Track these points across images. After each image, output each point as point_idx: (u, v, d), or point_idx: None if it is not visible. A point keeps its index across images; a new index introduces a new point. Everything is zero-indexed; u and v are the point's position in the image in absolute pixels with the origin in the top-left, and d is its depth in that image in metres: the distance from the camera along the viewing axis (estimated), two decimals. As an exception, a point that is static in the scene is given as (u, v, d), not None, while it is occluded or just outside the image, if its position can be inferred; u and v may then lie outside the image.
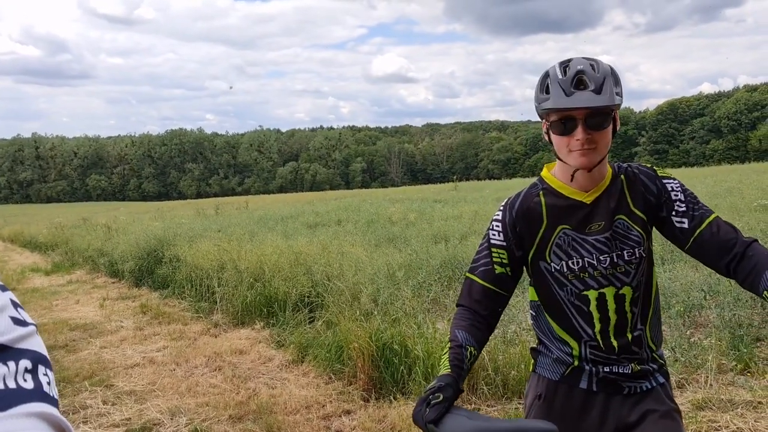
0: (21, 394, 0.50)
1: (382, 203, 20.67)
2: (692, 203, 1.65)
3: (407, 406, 4.25)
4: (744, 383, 4.06)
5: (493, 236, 1.73)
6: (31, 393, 0.51)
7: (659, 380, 1.72)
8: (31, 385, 0.52)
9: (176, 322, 7.45)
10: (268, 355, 5.85)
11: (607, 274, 1.65)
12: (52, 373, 0.56)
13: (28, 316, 0.57)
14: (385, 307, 5.65)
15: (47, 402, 0.52)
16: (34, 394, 0.51)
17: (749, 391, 3.92)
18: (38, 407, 0.51)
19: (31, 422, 0.49)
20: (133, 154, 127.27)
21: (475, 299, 1.70)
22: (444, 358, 1.54)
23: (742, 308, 4.94)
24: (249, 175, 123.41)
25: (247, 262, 7.98)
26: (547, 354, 1.78)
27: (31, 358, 0.54)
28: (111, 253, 12.12)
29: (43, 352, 0.56)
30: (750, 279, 1.53)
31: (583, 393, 1.71)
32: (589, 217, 1.67)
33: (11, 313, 0.56)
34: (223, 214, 20.40)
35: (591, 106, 1.54)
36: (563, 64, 1.62)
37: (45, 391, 0.53)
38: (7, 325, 0.54)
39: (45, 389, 0.53)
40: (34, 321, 0.58)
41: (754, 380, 4.09)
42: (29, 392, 0.51)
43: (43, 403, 0.52)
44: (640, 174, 1.70)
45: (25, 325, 0.56)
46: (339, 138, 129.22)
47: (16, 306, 0.57)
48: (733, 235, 1.59)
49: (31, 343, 0.55)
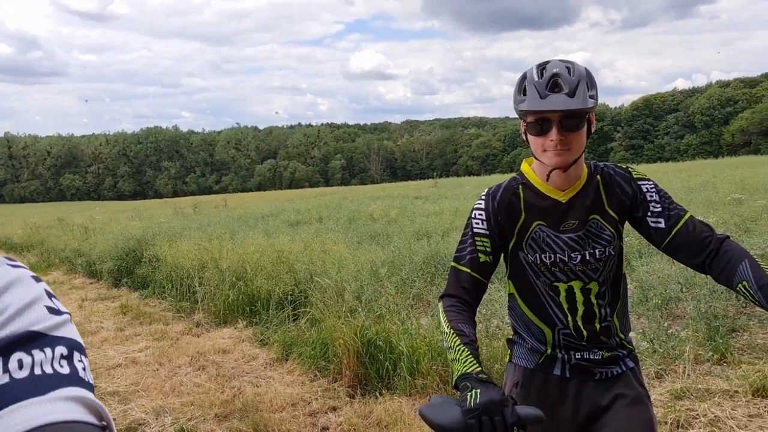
0: (58, 379, 0.52)
1: (363, 200, 20.68)
2: (667, 203, 1.72)
3: (393, 402, 4.29)
4: (720, 373, 4.17)
5: (476, 225, 1.78)
6: (67, 378, 0.53)
7: (629, 365, 1.80)
8: (67, 371, 0.54)
9: (157, 322, 7.40)
10: (251, 354, 5.84)
11: (577, 270, 1.72)
12: (86, 359, 0.58)
13: (62, 305, 0.59)
14: (369, 304, 5.68)
15: (83, 386, 0.54)
16: (71, 378, 0.53)
17: (725, 380, 4.03)
18: (75, 391, 0.53)
19: (69, 405, 0.51)
20: (107, 152, 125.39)
21: (463, 287, 1.73)
22: (464, 354, 1.53)
23: (717, 300, 5.06)
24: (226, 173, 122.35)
25: (228, 261, 7.94)
26: (522, 344, 1.85)
27: (67, 345, 0.56)
28: (89, 254, 11.97)
29: (77, 339, 0.58)
30: (725, 274, 1.60)
31: (558, 380, 1.78)
32: (563, 215, 1.73)
33: (46, 303, 0.58)
34: (202, 213, 20.24)
35: (564, 108, 1.59)
36: (540, 66, 1.67)
37: (80, 376, 0.55)
38: (43, 314, 0.56)
39: (80, 374, 0.55)
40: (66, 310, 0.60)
41: (730, 370, 4.20)
42: (66, 377, 0.53)
43: (79, 388, 0.54)
44: (615, 175, 1.76)
45: (59, 314, 0.58)
46: (318, 135, 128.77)
47: (50, 296, 0.59)
48: (708, 233, 1.67)
49: (65, 330, 0.57)
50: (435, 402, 1.43)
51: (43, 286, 0.60)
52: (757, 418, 3.56)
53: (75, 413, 0.51)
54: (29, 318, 0.55)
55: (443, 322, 1.67)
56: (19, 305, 0.55)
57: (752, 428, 3.45)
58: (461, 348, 1.54)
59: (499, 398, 1.33)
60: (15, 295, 0.56)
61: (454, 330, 1.61)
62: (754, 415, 3.60)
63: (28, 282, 0.59)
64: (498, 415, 1.32)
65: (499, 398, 1.33)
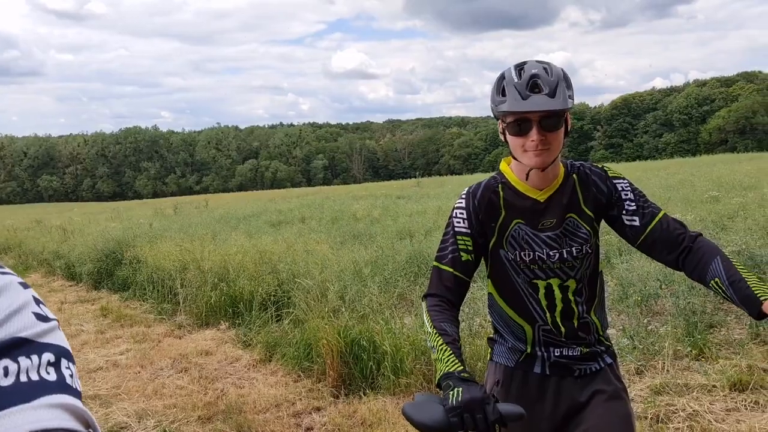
0: (44, 386, 0.52)
1: (345, 200, 20.67)
2: (642, 202, 1.76)
3: (377, 401, 4.30)
4: (699, 368, 4.24)
5: (457, 224, 1.80)
6: (54, 385, 0.53)
7: (607, 361, 1.83)
8: (54, 378, 0.53)
9: (139, 324, 7.32)
10: (234, 355, 5.81)
11: (555, 268, 1.75)
12: (74, 366, 0.57)
13: (50, 312, 0.59)
14: (352, 304, 5.68)
15: (70, 394, 0.54)
16: (57, 386, 0.53)
17: (704, 375, 4.10)
18: (61, 398, 0.52)
19: (54, 413, 0.51)
20: (85, 153, 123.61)
21: (446, 286, 1.75)
22: (447, 353, 1.54)
23: (695, 296, 5.14)
24: (207, 174, 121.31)
25: (210, 262, 7.89)
26: (503, 343, 1.88)
27: (54, 352, 0.56)
28: (68, 256, 11.80)
29: (65, 345, 0.58)
30: (698, 270, 1.65)
31: (538, 377, 1.81)
32: (541, 214, 1.77)
33: (33, 309, 0.57)
34: (183, 214, 20.07)
35: (546, 109, 1.62)
36: (518, 67, 1.70)
37: (68, 383, 0.55)
38: (30, 320, 0.56)
39: (67, 381, 0.55)
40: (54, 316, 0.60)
41: (708, 365, 4.28)
42: (52, 384, 0.53)
43: (66, 395, 0.53)
44: (591, 174, 1.80)
45: (47, 321, 0.58)
46: (299, 135, 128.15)
47: (38, 302, 0.59)
48: (682, 231, 1.71)
49: (53, 337, 0.57)
50: (418, 400, 1.45)
51: (30, 292, 0.59)
52: (734, 412, 3.63)
53: (61, 421, 0.51)
54: (16, 325, 0.55)
55: (426, 322, 1.68)
56: (7, 312, 0.55)
57: (730, 422, 3.51)
58: (444, 348, 1.56)
59: (481, 396, 1.36)
60: (2, 301, 0.56)
61: (437, 330, 1.62)
62: (732, 409, 3.67)
63: (16, 288, 0.58)
64: (480, 412, 1.35)
65: (481, 396, 1.36)
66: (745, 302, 1.53)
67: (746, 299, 1.53)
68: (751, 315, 1.54)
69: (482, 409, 1.35)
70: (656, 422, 3.59)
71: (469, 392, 1.36)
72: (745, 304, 1.54)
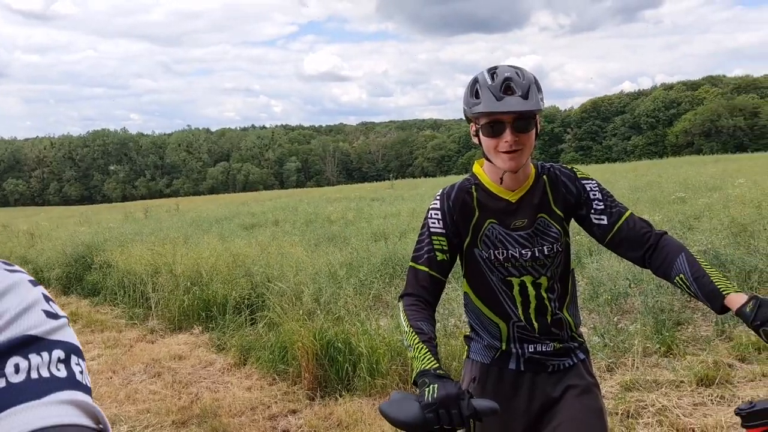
0: (55, 382, 0.53)
1: (319, 203, 20.62)
2: (609, 201, 1.83)
3: (353, 402, 4.31)
4: (667, 364, 4.35)
5: (432, 225, 1.83)
6: (64, 381, 0.54)
7: (580, 357, 1.89)
8: (64, 374, 0.54)
9: (110, 329, 7.22)
10: (208, 359, 5.77)
11: (527, 266, 1.81)
12: (84, 363, 0.58)
13: (60, 309, 0.60)
14: (327, 306, 5.68)
15: (80, 390, 0.54)
16: (68, 382, 0.54)
17: (672, 371, 4.20)
18: (71, 395, 0.53)
19: (65, 409, 0.52)
20: (52, 156, 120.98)
21: (422, 286, 1.78)
22: (423, 351, 1.57)
23: (663, 295, 5.26)
24: (178, 177, 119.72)
25: (182, 265, 7.80)
26: (479, 341, 1.93)
27: (64, 349, 0.56)
28: (35, 261, 11.55)
29: (75, 342, 0.58)
30: (663, 267, 1.71)
31: (513, 373, 1.86)
32: (513, 214, 1.82)
33: (43, 307, 0.58)
34: (154, 218, 19.80)
35: (520, 110, 1.67)
36: (491, 70, 1.75)
37: (78, 380, 0.55)
38: (40, 318, 0.57)
39: (78, 378, 0.55)
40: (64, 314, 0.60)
41: (676, 361, 4.38)
42: (63, 381, 0.53)
43: (76, 391, 0.54)
44: (561, 175, 1.86)
45: (56, 318, 0.58)
46: (272, 137, 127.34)
47: (48, 300, 0.60)
48: (647, 229, 1.78)
49: (63, 334, 0.57)
50: (395, 398, 1.47)
51: (40, 290, 0.60)
52: (701, 407, 3.73)
53: (71, 416, 0.51)
54: (27, 322, 0.55)
55: (403, 321, 1.71)
56: (17, 309, 0.56)
57: (697, 416, 3.61)
58: (420, 346, 1.59)
59: (456, 392, 1.39)
60: (13, 299, 0.56)
61: (414, 329, 1.65)
62: (699, 403, 3.77)
63: (26, 286, 0.59)
64: (455, 407, 1.38)
65: (456, 392, 1.39)
66: (709, 297, 1.60)
67: (709, 294, 1.59)
68: (713, 309, 1.61)
69: (457, 404, 1.38)
70: (627, 418, 3.67)
71: (445, 388, 1.39)
72: (708, 298, 1.60)
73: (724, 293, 1.56)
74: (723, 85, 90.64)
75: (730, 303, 1.55)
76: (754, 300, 1.49)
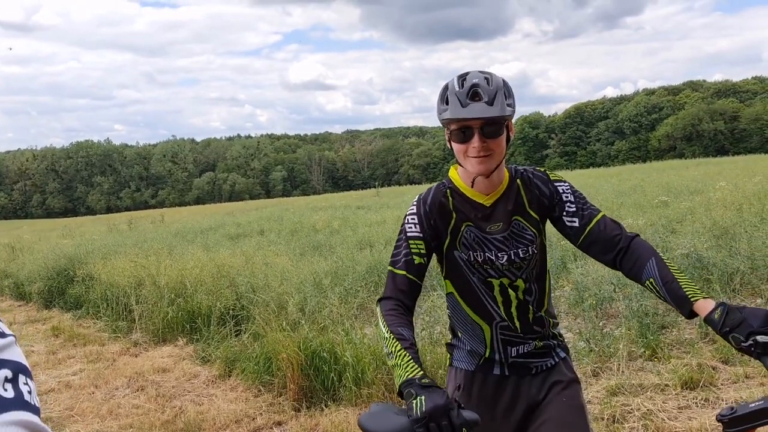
0: (2, 403, 0.51)
1: (305, 212, 20.56)
2: (581, 204, 1.85)
3: (339, 413, 4.27)
4: (652, 368, 4.36)
5: (409, 229, 1.84)
6: (12, 402, 0.52)
7: (561, 355, 1.93)
8: (11, 395, 0.52)
9: (92, 343, 7.12)
10: (193, 372, 5.70)
11: (504, 270, 1.83)
12: (33, 383, 0.56)
13: (6, 328, 0.58)
14: (312, 316, 5.65)
15: (28, 410, 0.53)
16: (15, 402, 0.52)
17: (657, 375, 4.21)
18: (19, 416, 0.51)
19: (12, 430, 0.50)
20: (35, 168, 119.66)
21: (400, 289, 1.77)
22: (406, 359, 1.54)
23: (648, 299, 5.28)
24: (163, 187, 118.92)
25: (166, 277, 7.73)
26: (462, 347, 1.94)
27: (12, 368, 0.54)
28: (16, 275, 11.42)
29: (23, 361, 0.56)
30: (634, 271, 1.73)
31: (497, 378, 1.88)
32: (488, 218, 1.84)
33: None
34: (138, 229, 19.61)
35: (484, 116, 1.69)
36: (461, 77, 1.77)
37: (26, 400, 0.53)
38: None
39: (26, 398, 0.53)
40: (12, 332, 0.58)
41: (660, 365, 4.40)
42: (10, 401, 0.52)
43: (25, 411, 0.52)
44: (534, 178, 1.89)
45: (3, 336, 0.56)
46: (257, 147, 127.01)
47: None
48: (618, 232, 1.79)
49: (10, 353, 0.55)
50: (375, 411, 1.43)
51: None
52: (686, 410, 3.74)
53: None
54: None
55: (382, 327, 1.69)
56: None
57: (682, 419, 3.62)
58: (402, 353, 1.56)
59: (444, 402, 1.36)
60: None
61: (394, 334, 1.63)
62: (684, 407, 3.79)
63: None
64: (445, 419, 1.35)
65: (444, 402, 1.36)
66: (678, 302, 1.60)
67: (678, 299, 1.60)
68: (682, 314, 1.61)
69: (447, 415, 1.35)
70: (612, 422, 3.67)
71: (432, 400, 1.36)
72: (677, 303, 1.61)
73: (692, 299, 1.57)
74: (703, 89, 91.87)
75: (698, 309, 1.55)
76: (722, 307, 1.50)
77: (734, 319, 1.45)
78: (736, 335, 1.43)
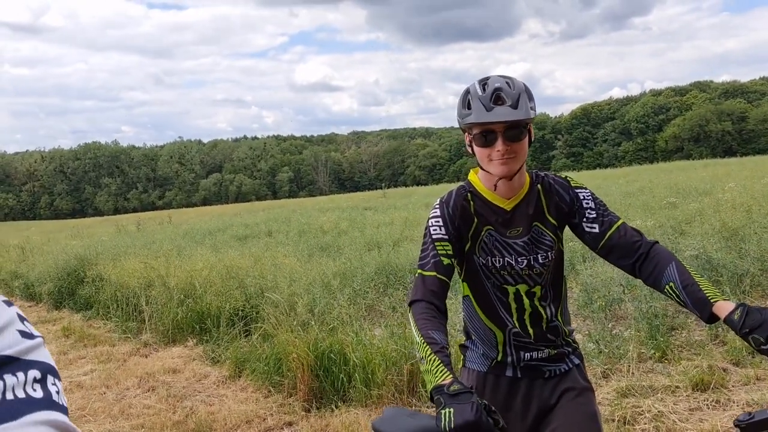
0: (31, 403, 0.52)
1: (312, 213, 20.59)
2: (602, 210, 1.85)
3: (349, 414, 4.29)
4: (662, 370, 4.36)
5: (434, 232, 1.85)
6: (40, 402, 0.53)
7: (575, 362, 1.92)
8: (40, 395, 0.54)
9: (103, 343, 7.16)
10: (203, 372, 5.73)
11: (523, 275, 1.83)
12: (60, 383, 0.58)
13: (34, 329, 0.59)
14: (321, 317, 5.66)
15: (56, 410, 0.54)
16: (44, 402, 0.53)
17: (667, 376, 4.21)
18: (48, 415, 0.53)
19: (41, 430, 0.51)
20: (43, 170, 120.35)
21: (431, 290, 1.75)
22: (436, 363, 1.53)
23: (657, 300, 5.28)
24: (170, 188, 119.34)
25: (176, 278, 7.76)
26: (475, 349, 1.95)
27: (40, 369, 0.56)
28: (27, 275, 11.48)
29: (50, 362, 0.58)
30: (653, 276, 1.72)
31: (509, 380, 1.88)
32: (509, 222, 1.85)
33: (18, 327, 0.58)
34: (146, 230, 19.69)
35: (509, 119, 1.70)
36: (482, 81, 1.78)
37: (54, 400, 0.55)
38: (15, 338, 0.56)
39: (54, 398, 0.55)
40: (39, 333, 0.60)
41: (671, 366, 4.39)
42: (39, 401, 0.53)
43: (53, 411, 0.54)
44: (555, 184, 1.90)
45: (32, 338, 0.58)
46: (264, 148, 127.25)
47: (23, 319, 0.59)
48: (638, 238, 1.79)
49: (38, 354, 0.57)
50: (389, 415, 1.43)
51: (15, 310, 0.60)
52: (697, 411, 3.74)
53: None
54: (1, 343, 0.55)
55: (415, 332, 1.67)
56: None
57: (693, 421, 3.62)
58: (432, 358, 1.55)
59: (473, 419, 1.32)
60: None
61: (426, 339, 1.61)
62: (695, 408, 3.78)
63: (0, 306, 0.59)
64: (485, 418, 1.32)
65: (473, 419, 1.32)
66: (697, 305, 1.60)
67: (698, 302, 1.60)
68: (702, 318, 1.60)
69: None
70: (623, 424, 3.67)
71: (462, 416, 1.32)
72: (696, 306, 1.60)
73: (712, 301, 1.57)
74: (711, 90, 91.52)
75: (718, 311, 1.56)
76: (742, 308, 1.50)
77: (754, 320, 1.45)
78: (757, 336, 1.44)
